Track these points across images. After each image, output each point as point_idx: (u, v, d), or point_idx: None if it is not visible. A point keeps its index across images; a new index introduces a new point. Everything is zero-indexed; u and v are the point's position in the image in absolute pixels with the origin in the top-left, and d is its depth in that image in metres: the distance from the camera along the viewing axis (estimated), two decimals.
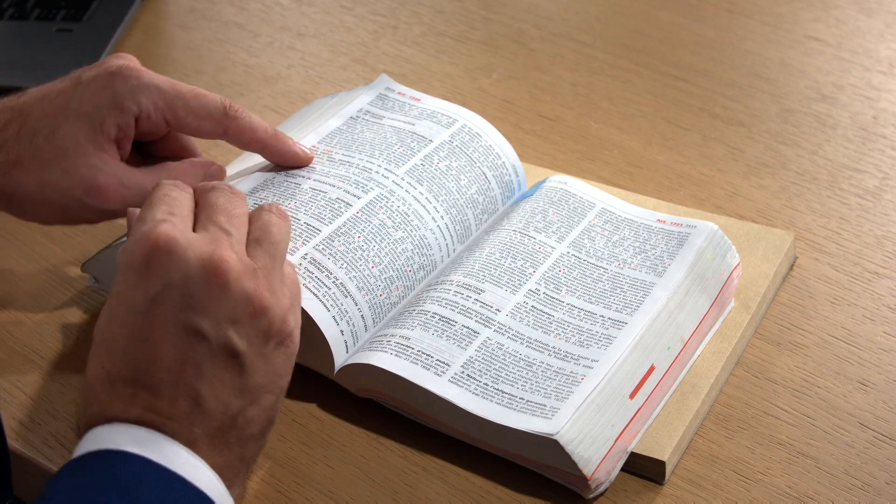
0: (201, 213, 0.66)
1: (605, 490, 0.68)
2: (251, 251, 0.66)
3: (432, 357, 0.72)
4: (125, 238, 0.79)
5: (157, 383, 0.60)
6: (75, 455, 0.60)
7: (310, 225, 0.77)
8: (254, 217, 0.68)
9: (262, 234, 0.66)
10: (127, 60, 0.78)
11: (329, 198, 0.79)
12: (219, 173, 0.80)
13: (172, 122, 0.78)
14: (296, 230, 0.76)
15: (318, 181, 0.80)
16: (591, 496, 0.68)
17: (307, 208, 0.78)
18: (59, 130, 0.75)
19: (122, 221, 0.83)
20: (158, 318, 0.61)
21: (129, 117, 0.76)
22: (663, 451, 0.69)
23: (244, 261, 0.64)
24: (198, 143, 0.82)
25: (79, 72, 0.78)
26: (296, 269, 0.71)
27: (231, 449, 0.62)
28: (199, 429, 0.60)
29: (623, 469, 0.69)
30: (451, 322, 0.74)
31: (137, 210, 0.68)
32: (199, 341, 0.61)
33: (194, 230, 0.65)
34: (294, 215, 0.77)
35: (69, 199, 0.75)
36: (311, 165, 0.82)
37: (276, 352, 0.64)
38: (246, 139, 0.80)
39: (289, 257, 0.74)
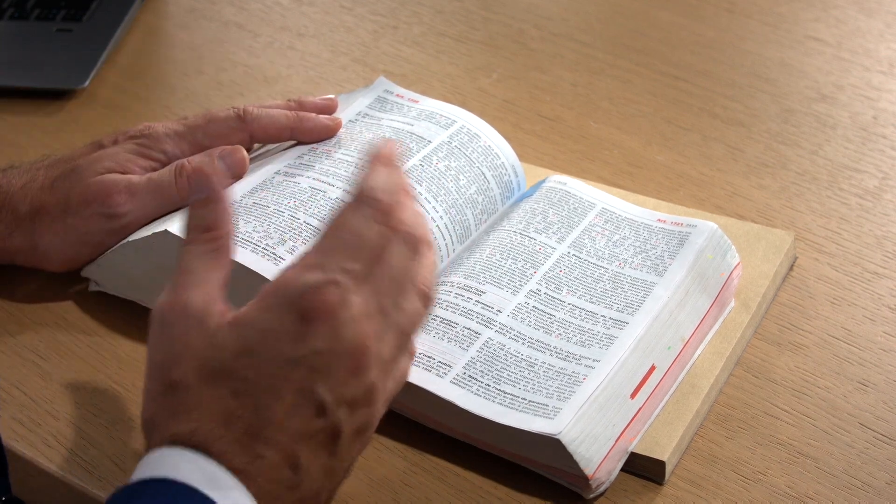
0: (375, 270, 0.62)
1: (606, 490, 0.68)
2: (391, 338, 0.63)
3: (434, 359, 0.72)
4: (124, 241, 0.79)
5: (271, 440, 0.59)
6: (139, 473, 0.58)
7: (309, 224, 0.77)
8: (412, 301, 0.64)
9: (408, 327, 0.63)
10: (139, 125, 0.84)
11: (329, 197, 0.79)
12: (234, 154, 0.81)
13: (201, 151, 0.82)
14: (295, 229, 0.76)
15: (318, 180, 0.80)
16: (591, 496, 0.68)
17: (307, 207, 0.78)
18: (84, 179, 0.80)
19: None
20: (295, 379, 0.59)
21: (157, 165, 0.82)
22: (663, 451, 0.69)
23: (384, 354, 0.62)
24: None
25: (98, 139, 0.84)
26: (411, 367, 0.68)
27: None
28: (289, 495, 0.59)
29: (623, 469, 0.69)
30: (453, 324, 0.74)
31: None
32: (318, 415, 0.60)
33: (361, 282, 0.62)
34: (293, 214, 0.77)
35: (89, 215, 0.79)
36: (310, 164, 0.82)
37: (358, 441, 0.62)
38: (274, 134, 0.84)
39: (288, 256, 0.74)
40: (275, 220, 0.77)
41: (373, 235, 0.62)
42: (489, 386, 0.70)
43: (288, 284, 0.61)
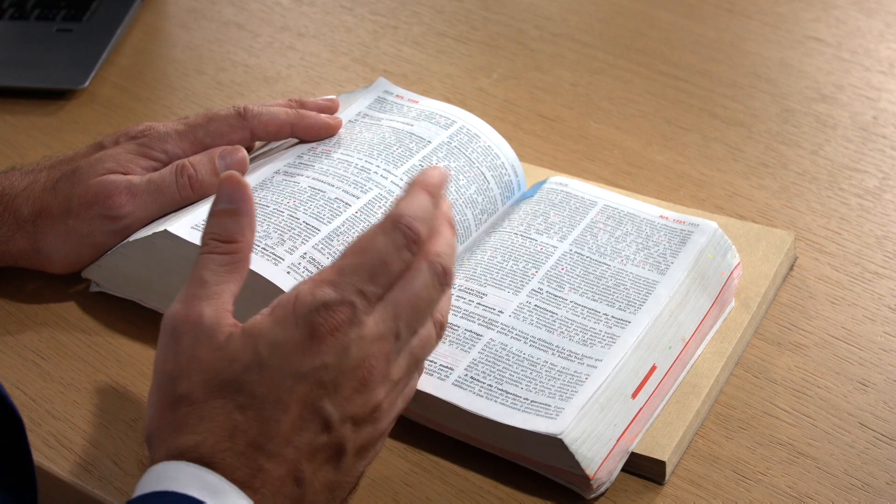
0: (394, 293, 0.62)
1: (606, 490, 0.68)
2: (402, 360, 0.63)
3: (435, 363, 0.71)
4: (124, 242, 0.79)
5: (275, 453, 0.59)
6: (141, 487, 0.58)
7: (308, 224, 0.77)
8: (428, 328, 0.65)
9: (419, 352, 0.64)
10: (140, 124, 0.84)
11: (328, 197, 0.79)
12: (234, 153, 0.82)
13: (202, 150, 0.82)
14: (294, 229, 0.76)
15: (317, 180, 0.80)
16: (592, 496, 0.68)
17: (306, 207, 0.78)
18: (85, 181, 0.80)
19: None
20: (302, 393, 0.59)
21: (158, 165, 0.82)
22: (664, 451, 0.69)
23: (392, 373, 0.62)
24: None
25: (100, 139, 0.84)
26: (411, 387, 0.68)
27: None
28: None
29: (623, 469, 0.69)
30: (454, 327, 0.74)
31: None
32: (323, 430, 0.60)
33: (377, 303, 0.62)
34: (293, 214, 0.77)
35: (91, 216, 0.79)
36: (310, 164, 0.82)
37: (363, 458, 0.63)
38: (274, 130, 0.84)
39: (288, 256, 0.74)
40: (274, 219, 0.77)
41: (398, 263, 0.62)
42: (491, 386, 0.70)
43: (301, 299, 0.61)
